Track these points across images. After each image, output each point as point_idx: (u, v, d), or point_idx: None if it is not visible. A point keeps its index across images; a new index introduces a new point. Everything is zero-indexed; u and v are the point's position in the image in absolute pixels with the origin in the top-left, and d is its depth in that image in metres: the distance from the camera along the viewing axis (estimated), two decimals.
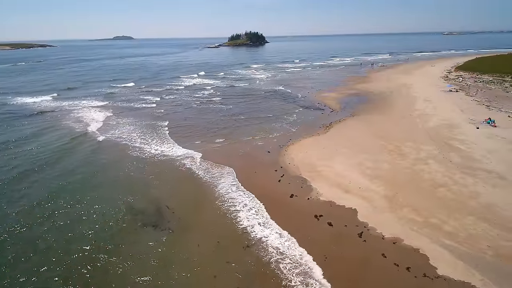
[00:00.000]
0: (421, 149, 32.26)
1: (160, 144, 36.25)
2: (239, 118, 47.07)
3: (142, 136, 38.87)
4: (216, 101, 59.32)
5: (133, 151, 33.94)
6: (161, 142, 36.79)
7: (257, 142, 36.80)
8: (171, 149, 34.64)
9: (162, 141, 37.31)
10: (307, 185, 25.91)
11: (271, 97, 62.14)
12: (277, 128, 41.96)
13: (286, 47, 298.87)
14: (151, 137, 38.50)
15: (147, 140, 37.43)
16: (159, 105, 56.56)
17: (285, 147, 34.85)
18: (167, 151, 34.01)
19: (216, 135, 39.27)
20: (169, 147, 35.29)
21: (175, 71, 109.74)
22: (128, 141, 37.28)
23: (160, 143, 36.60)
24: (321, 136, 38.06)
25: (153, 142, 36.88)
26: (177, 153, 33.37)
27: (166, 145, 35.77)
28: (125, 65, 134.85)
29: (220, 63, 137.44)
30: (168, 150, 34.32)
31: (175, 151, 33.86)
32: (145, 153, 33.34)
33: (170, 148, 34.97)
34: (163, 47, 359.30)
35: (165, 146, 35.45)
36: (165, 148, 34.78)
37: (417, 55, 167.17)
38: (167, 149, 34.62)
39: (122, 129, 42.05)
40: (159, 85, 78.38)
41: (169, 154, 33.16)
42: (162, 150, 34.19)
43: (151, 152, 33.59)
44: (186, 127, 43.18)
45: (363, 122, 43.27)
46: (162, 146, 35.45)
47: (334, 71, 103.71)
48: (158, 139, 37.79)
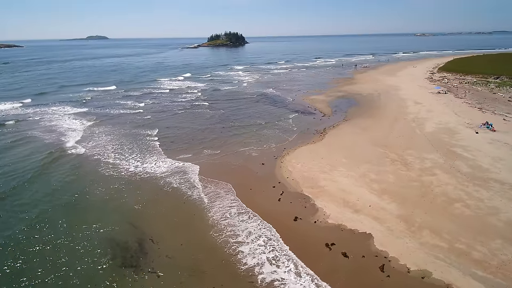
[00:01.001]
0: (425, 157, 30.37)
1: (148, 158, 32.17)
2: (228, 126, 43.71)
3: (126, 149, 34.48)
4: (203, 106, 55.50)
5: (115, 169, 29.70)
6: (149, 155, 32.68)
7: (250, 152, 33.67)
8: (159, 164, 30.68)
9: (151, 154, 33.16)
10: (310, 204, 23.11)
11: (260, 101, 59.17)
12: (269, 135, 39.01)
13: (267, 48, 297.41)
14: (137, 150, 34.19)
15: (132, 154, 33.19)
16: (143, 111, 51.99)
17: (280, 158, 31.99)
18: (155, 166, 30.03)
19: (205, 146, 35.73)
20: (157, 161, 31.27)
21: (157, 73, 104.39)
22: (109, 156, 32.82)
23: (148, 156, 32.51)
24: (317, 144, 35.50)
25: (139, 156, 32.66)
26: (165, 168, 29.57)
27: (154, 160, 31.71)
28: (102, 66, 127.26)
29: (202, 64, 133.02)
30: (156, 165, 30.35)
31: (164, 166, 30.00)
32: (129, 171, 29.19)
33: (158, 162, 30.99)
34: (140, 47, 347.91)
35: (153, 161, 31.38)
36: (153, 164, 30.71)
37: (396, 56, 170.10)
38: (155, 164, 30.59)
39: (103, 141, 37.33)
40: (141, 89, 73.25)
41: (157, 170, 29.24)
42: (150, 166, 30.16)
43: (137, 169, 29.55)
44: (174, 137, 39.15)
45: (358, 128, 41.22)
46: (150, 161, 31.40)
47: (319, 73, 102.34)
48: (145, 153, 33.54)
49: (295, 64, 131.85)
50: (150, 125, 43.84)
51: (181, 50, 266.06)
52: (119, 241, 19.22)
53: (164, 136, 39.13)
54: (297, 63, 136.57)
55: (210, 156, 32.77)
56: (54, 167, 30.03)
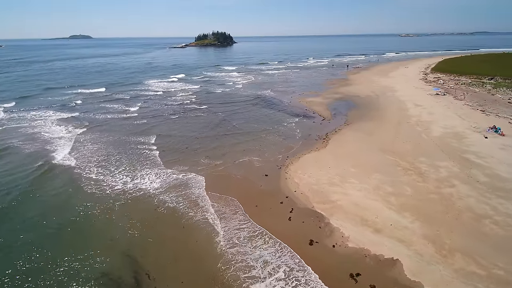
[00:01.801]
0: (439, 166, 28.67)
1: (142, 171, 29.12)
2: (226, 132, 41.06)
3: (118, 162, 31.19)
4: (198, 110, 52.45)
5: (105, 186, 26.64)
6: (144, 168, 29.62)
7: (251, 162, 31.19)
8: (154, 178, 27.79)
9: (145, 166, 30.02)
10: (325, 224, 20.87)
11: (256, 104, 56.69)
12: (269, 142, 36.64)
13: (256, 48, 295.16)
14: (131, 162, 30.98)
15: (126, 167, 30.01)
16: (136, 116, 48.58)
17: (284, 168, 29.67)
18: (149, 182, 27.14)
19: (203, 155, 32.99)
20: (152, 175, 28.34)
21: (147, 74, 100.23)
22: (99, 170, 29.52)
23: (142, 169, 29.45)
24: (321, 152, 33.37)
25: (133, 169, 29.50)
26: (160, 183, 26.74)
27: (149, 173, 28.73)
28: (88, 67, 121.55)
29: (193, 65, 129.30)
30: (150, 180, 27.45)
31: (159, 181, 27.13)
32: (122, 188, 26.12)
33: (152, 176, 28.08)
34: (126, 47, 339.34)
35: (147, 174, 28.45)
36: (147, 178, 27.79)
37: (385, 56, 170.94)
38: (149, 179, 27.69)
39: (94, 152, 33.84)
40: (132, 91, 69.47)
41: (152, 186, 26.36)
42: (144, 182, 27.23)
43: (129, 185, 26.53)
44: (170, 145, 36.00)
45: (361, 133, 39.37)
46: (144, 174, 28.44)
47: (311, 73, 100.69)
48: (140, 165, 30.41)
49: (287, 64, 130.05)
50: (144, 132, 40.66)
51: (168, 50, 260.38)
52: (111, 276, 16.46)
53: (160, 145, 36.10)
54: (289, 63, 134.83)
55: (209, 167, 30.08)
56: (38, 186, 26.61)
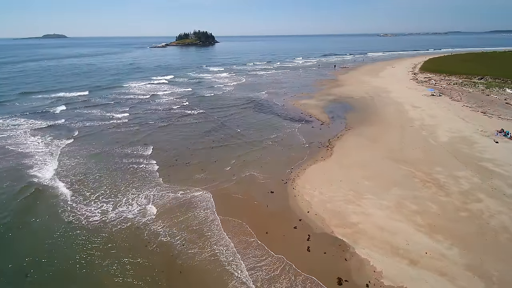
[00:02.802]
0: (457, 176, 26.42)
1: (136, 191, 25.21)
2: (221, 142, 37.30)
3: (100, 182, 26.93)
4: (189, 117, 47.81)
5: (83, 215, 22.49)
6: (138, 187, 25.76)
7: (253, 177, 27.77)
8: (150, 199, 23.96)
9: (140, 185, 26.18)
10: (351, 254, 17.82)
11: (249, 108, 53.12)
12: (269, 152, 33.34)
13: (240, 48, 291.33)
14: (118, 182, 26.82)
15: (109, 189, 25.89)
16: (124, 124, 43.88)
17: (290, 182, 26.52)
18: (145, 205, 23.27)
19: (198, 169, 29.29)
20: (147, 197, 24.50)
21: (130, 75, 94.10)
22: (90, 196, 25.10)
23: (135, 189, 25.54)
24: (327, 162, 30.46)
25: (123, 192, 25.32)
26: (158, 206, 22.92)
27: (144, 194, 24.86)
28: (66, 68, 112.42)
29: (177, 66, 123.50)
30: (146, 202, 23.59)
31: (155, 203, 23.35)
32: (106, 218, 22.13)
33: (141, 199, 24.21)
34: (103, 46, 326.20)
35: (143, 196, 24.54)
36: (142, 200, 23.92)
37: (370, 55, 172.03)
38: (145, 201, 23.82)
39: (87, 169, 29.06)
40: (118, 96, 63.93)
41: (146, 212, 22.53)
42: (138, 205, 23.30)
43: (116, 214, 22.47)
44: (163, 158, 31.85)
45: (364, 138, 36.88)
46: (139, 196, 24.50)
47: (300, 74, 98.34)
48: (132, 184, 26.46)
49: (275, 65, 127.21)
50: (134, 144, 36.07)
51: (149, 50, 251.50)
52: None
53: (150, 159, 31.71)
54: (277, 63, 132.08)
55: (207, 184, 26.40)
56: (10, 217, 22.09)
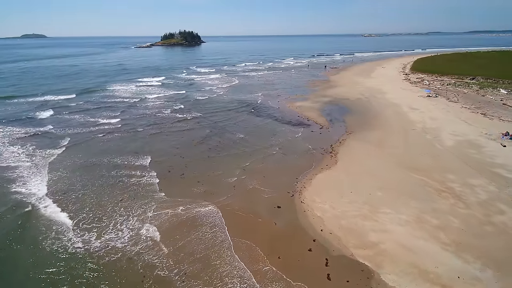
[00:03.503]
0: (472, 184, 25.04)
1: (126, 212, 22.40)
2: (218, 150, 34.78)
3: (96, 200, 23.90)
4: (183, 122, 44.48)
5: (69, 241, 19.63)
6: (129, 206, 22.90)
7: (256, 190, 25.51)
8: (144, 220, 21.24)
9: (132, 203, 23.38)
10: (376, 282, 15.87)
11: (243, 112, 50.65)
12: (271, 161, 31.14)
13: (225, 48, 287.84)
14: (117, 199, 24.02)
15: (107, 207, 23.05)
16: (116, 131, 40.53)
17: (297, 195, 24.45)
18: (138, 228, 20.56)
19: (194, 181, 26.76)
20: (139, 218, 21.76)
21: (119, 77, 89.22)
22: (78, 215, 22.38)
23: (124, 208, 22.72)
24: (333, 170, 28.57)
25: (104, 215, 22.62)
26: (156, 226, 20.26)
27: (136, 214, 22.10)
28: (49, 70, 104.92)
29: (165, 67, 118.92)
30: (139, 223, 20.87)
31: (151, 224, 20.67)
32: (109, 246, 19.35)
33: (140, 218, 21.51)
34: (86, 46, 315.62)
35: (134, 218, 21.78)
36: (134, 222, 21.19)
37: (358, 56, 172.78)
38: (137, 223, 21.09)
39: (72, 185, 25.83)
40: (108, 98, 59.88)
41: (140, 237, 19.85)
42: (128, 230, 20.57)
43: (102, 243, 19.73)
44: (161, 170, 29.19)
45: (368, 143, 35.32)
46: (128, 219, 21.72)
47: (291, 74, 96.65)
48: (134, 202, 23.64)
49: (264, 65, 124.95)
50: (124, 153, 32.65)
51: (135, 50, 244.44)
52: None
53: (144, 170, 28.97)
54: (265, 64, 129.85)
55: (206, 199, 23.96)
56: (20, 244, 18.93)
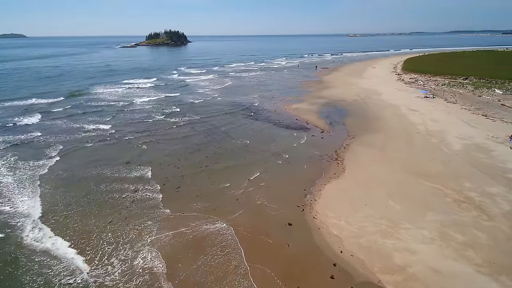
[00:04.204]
0: (491, 193, 23.75)
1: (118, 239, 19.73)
2: (217, 159, 32.34)
3: (84, 222, 21.33)
4: (178, 127, 42.03)
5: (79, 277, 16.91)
6: (136, 227, 20.24)
7: (263, 206, 23.36)
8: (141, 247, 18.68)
9: (136, 224, 20.71)
10: None
11: (240, 116, 48.21)
12: (275, 171, 29.03)
13: (213, 48, 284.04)
14: (105, 220, 21.31)
15: (92, 232, 20.32)
16: (109, 137, 37.89)
17: (308, 209, 22.54)
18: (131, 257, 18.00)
19: (192, 196, 24.40)
20: (133, 246, 19.17)
21: (107, 79, 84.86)
22: (75, 244, 19.55)
23: (133, 231, 20.04)
24: (342, 180, 26.79)
25: (105, 240, 19.96)
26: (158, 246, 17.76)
27: (128, 240, 19.48)
28: (31, 71, 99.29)
29: (153, 67, 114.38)
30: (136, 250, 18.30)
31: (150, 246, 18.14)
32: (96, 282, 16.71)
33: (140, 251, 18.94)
34: (68, 46, 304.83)
35: (126, 247, 19.17)
36: (128, 254, 18.61)
37: (347, 55, 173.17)
38: (131, 254, 18.52)
39: (64, 206, 22.89)
40: (98, 101, 56.81)
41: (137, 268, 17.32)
42: (119, 262, 17.98)
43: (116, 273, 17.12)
44: (157, 182, 26.77)
45: (372, 148, 33.81)
46: (120, 249, 19.09)
47: (283, 75, 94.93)
48: (126, 224, 20.96)
49: (254, 66, 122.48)
50: (116, 164, 29.98)
51: (120, 50, 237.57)
52: None
53: (137, 182, 26.39)
54: (256, 64, 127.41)
55: (207, 215, 21.65)
56: None
